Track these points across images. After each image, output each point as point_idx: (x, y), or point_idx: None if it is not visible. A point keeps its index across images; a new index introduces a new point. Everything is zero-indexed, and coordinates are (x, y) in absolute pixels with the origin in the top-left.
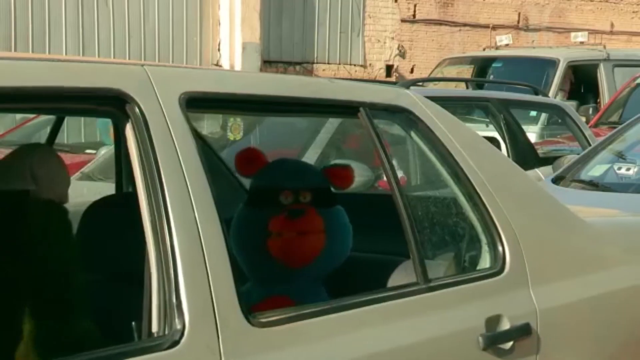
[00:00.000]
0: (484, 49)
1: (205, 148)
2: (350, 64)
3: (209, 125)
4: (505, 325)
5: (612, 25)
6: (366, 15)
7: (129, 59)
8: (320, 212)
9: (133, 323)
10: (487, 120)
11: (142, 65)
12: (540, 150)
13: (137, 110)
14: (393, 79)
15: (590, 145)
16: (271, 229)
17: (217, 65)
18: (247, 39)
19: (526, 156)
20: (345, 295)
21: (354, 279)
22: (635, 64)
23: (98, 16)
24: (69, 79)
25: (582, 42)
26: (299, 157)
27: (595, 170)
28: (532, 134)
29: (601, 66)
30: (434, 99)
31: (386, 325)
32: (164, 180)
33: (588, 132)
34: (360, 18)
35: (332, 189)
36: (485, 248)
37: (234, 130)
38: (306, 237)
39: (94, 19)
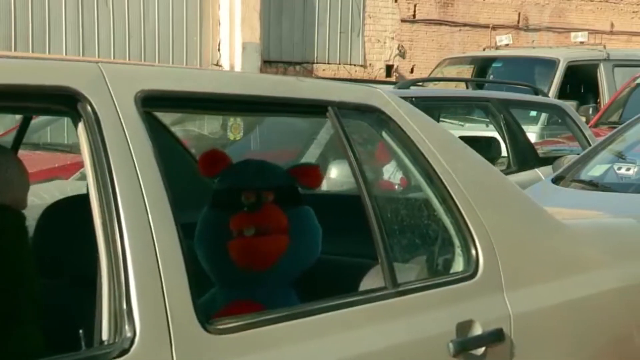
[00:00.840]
0: (484, 49)
1: (177, 148)
2: (350, 64)
3: (209, 125)
4: (477, 330)
5: (612, 25)
6: (366, 15)
7: (129, 59)
8: (283, 211)
9: (81, 331)
10: (487, 120)
11: (97, 62)
12: (540, 150)
13: (89, 108)
14: (393, 79)
15: (590, 145)
16: (231, 227)
17: (217, 65)
18: (247, 39)
19: (526, 156)
20: (315, 299)
21: (324, 283)
22: (635, 64)
23: (98, 16)
24: (19, 76)
25: (582, 42)
26: (297, 158)
27: (595, 170)
28: (532, 134)
29: (601, 66)
30: (434, 99)
31: (352, 331)
32: (116, 182)
33: (588, 132)
34: (360, 18)
35: (300, 189)
36: (458, 251)
37: (234, 130)
38: (266, 237)
39: (94, 19)
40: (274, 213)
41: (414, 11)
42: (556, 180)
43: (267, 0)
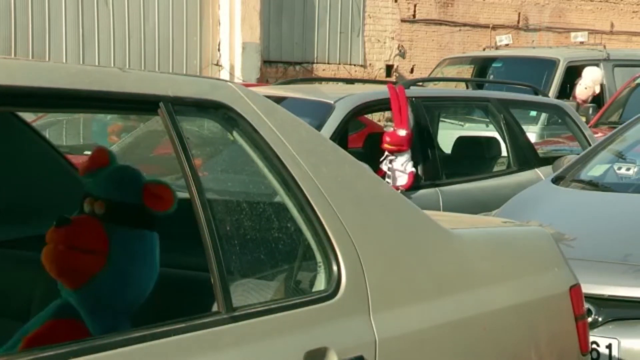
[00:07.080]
0: (484, 49)
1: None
2: (350, 64)
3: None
4: (332, 359)
5: (612, 25)
6: (366, 15)
7: (129, 59)
8: (108, 229)
9: None
10: (487, 120)
11: None
12: (540, 150)
13: None
14: (393, 79)
15: (590, 145)
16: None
17: (217, 65)
18: (247, 39)
19: (526, 156)
20: (139, 324)
21: (157, 303)
22: (635, 64)
23: (98, 16)
24: None
25: (582, 42)
26: None
27: (595, 170)
28: (532, 134)
29: (601, 66)
30: (434, 99)
31: None
32: None
33: (588, 132)
34: (360, 18)
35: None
36: (318, 268)
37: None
38: (73, 252)
39: (94, 19)
40: (88, 230)
41: (414, 11)
42: (556, 180)
43: (267, 0)
